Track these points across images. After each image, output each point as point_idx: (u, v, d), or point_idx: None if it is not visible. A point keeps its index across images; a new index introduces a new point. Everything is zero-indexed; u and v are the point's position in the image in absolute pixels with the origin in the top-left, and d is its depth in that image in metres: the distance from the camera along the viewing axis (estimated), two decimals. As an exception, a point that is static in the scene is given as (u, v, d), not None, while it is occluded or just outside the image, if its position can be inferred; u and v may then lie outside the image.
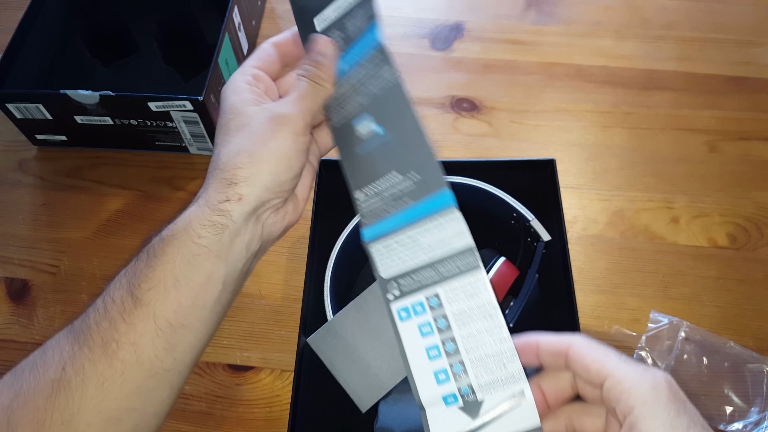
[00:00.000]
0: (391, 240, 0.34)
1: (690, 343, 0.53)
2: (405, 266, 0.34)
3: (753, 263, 0.58)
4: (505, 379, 0.31)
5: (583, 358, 0.30)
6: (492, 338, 0.32)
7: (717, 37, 0.72)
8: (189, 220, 0.32)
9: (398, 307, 0.34)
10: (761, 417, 0.50)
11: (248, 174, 0.32)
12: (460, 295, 0.33)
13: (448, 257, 0.33)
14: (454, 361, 0.32)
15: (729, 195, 0.61)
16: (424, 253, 0.33)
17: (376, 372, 0.45)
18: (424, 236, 0.34)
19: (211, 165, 0.34)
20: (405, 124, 0.35)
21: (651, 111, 0.67)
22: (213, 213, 0.32)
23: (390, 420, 0.45)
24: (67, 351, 0.31)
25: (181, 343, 0.32)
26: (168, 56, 0.67)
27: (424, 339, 0.33)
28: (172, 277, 0.31)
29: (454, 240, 0.33)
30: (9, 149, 0.66)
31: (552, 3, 0.75)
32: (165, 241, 0.32)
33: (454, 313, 0.32)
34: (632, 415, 0.27)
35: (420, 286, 0.33)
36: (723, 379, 0.51)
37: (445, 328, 0.33)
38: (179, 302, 0.32)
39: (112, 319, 0.31)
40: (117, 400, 0.31)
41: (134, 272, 0.32)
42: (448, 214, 0.33)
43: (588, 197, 0.61)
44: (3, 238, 0.61)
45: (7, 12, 0.76)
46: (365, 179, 0.36)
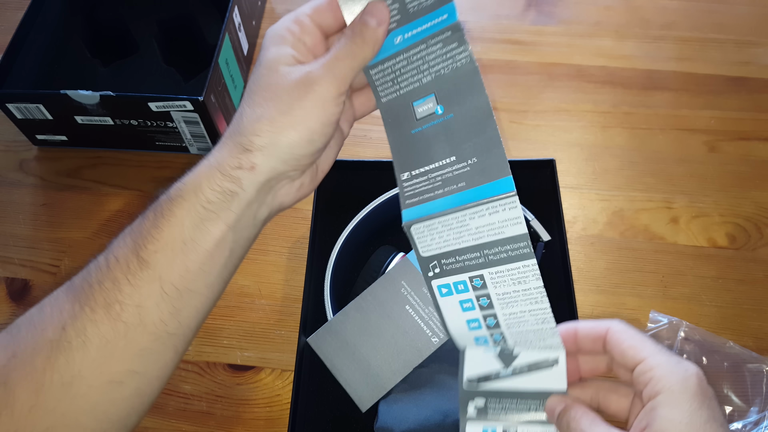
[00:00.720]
0: (436, 221, 0.32)
1: (689, 342, 0.53)
2: (448, 248, 0.32)
3: (752, 263, 0.58)
4: (542, 347, 0.32)
5: (620, 343, 0.30)
6: (535, 319, 0.32)
7: (717, 37, 0.72)
8: (199, 181, 0.31)
9: (439, 284, 0.33)
10: (761, 417, 0.50)
11: (265, 143, 0.30)
12: (507, 280, 0.32)
13: (498, 242, 0.31)
14: (495, 332, 0.33)
15: (728, 195, 0.61)
16: (472, 237, 0.32)
17: (376, 372, 0.45)
18: (474, 220, 0.31)
19: (232, 123, 0.32)
20: (473, 107, 0.32)
21: (651, 111, 0.67)
22: (224, 178, 0.30)
23: (390, 420, 0.45)
24: (67, 310, 0.30)
25: (187, 308, 0.31)
26: (168, 56, 0.67)
27: (465, 313, 0.33)
28: (179, 240, 0.30)
29: (506, 226, 0.31)
30: (9, 149, 0.66)
31: (552, 3, 0.75)
32: (173, 200, 0.31)
33: (498, 295, 0.32)
34: (656, 400, 0.28)
35: (463, 267, 0.32)
36: (722, 378, 0.52)
37: (487, 306, 0.32)
38: (186, 267, 0.30)
39: (116, 280, 0.30)
40: (119, 363, 0.30)
41: (140, 231, 0.31)
42: (506, 200, 0.31)
43: (588, 197, 0.62)
44: (3, 238, 0.61)
45: (8, 12, 0.76)
46: (415, 161, 0.33)
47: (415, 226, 0.33)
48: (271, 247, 0.59)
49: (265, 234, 0.60)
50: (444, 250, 0.32)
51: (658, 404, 0.28)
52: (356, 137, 0.65)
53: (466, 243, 0.32)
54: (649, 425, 0.27)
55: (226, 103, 0.63)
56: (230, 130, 0.31)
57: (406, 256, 0.49)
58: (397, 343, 0.46)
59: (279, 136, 0.30)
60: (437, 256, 0.33)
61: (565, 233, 0.51)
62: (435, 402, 0.46)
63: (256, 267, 0.58)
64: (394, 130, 0.34)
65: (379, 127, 0.34)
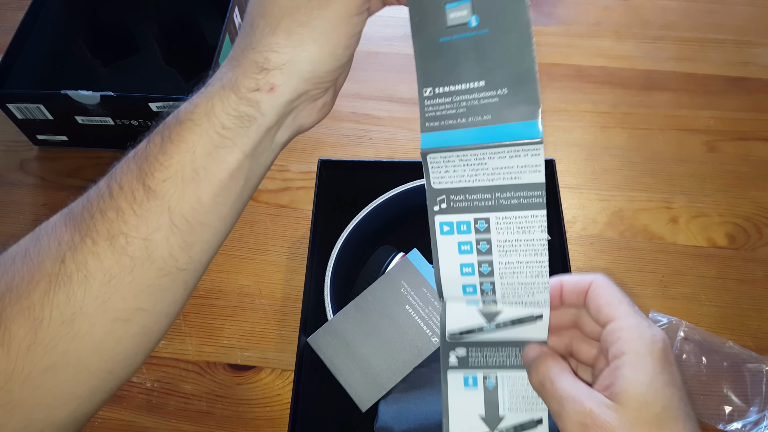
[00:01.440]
0: (454, 154, 0.30)
1: (689, 342, 0.53)
2: (461, 184, 0.31)
3: (752, 263, 0.58)
4: (529, 303, 0.32)
5: (598, 298, 0.31)
6: (530, 271, 0.31)
7: (716, 38, 0.72)
8: (212, 104, 0.28)
9: (442, 220, 0.32)
10: (760, 416, 0.50)
11: (284, 60, 0.27)
12: (512, 227, 0.31)
13: (512, 187, 0.30)
14: (485, 281, 0.32)
15: (728, 195, 0.61)
16: (487, 177, 0.30)
17: (376, 372, 0.46)
18: (494, 160, 0.30)
19: (241, 31, 0.28)
20: (512, 28, 0.29)
21: (650, 111, 0.67)
22: (240, 102, 0.27)
23: (390, 420, 0.46)
24: (66, 240, 0.27)
25: (199, 242, 0.29)
26: (169, 56, 0.67)
27: (461, 256, 0.32)
28: (190, 168, 0.27)
29: (524, 172, 0.30)
30: (10, 149, 0.66)
31: (551, 3, 0.75)
32: (183, 125, 0.28)
33: (500, 242, 0.31)
34: (621, 359, 0.28)
35: (471, 207, 0.31)
36: (722, 378, 0.52)
37: (485, 252, 0.32)
38: (198, 198, 0.28)
39: (120, 209, 0.27)
40: (125, 300, 0.28)
41: (146, 157, 0.28)
42: (531, 146, 0.29)
43: (587, 197, 0.62)
44: (4, 238, 0.61)
45: (8, 12, 0.76)
46: (440, 77, 0.30)
47: (432, 155, 0.30)
48: (271, 247, 0.59)
49: (265, 234, 0.60)
50: (456, 186, 0.31)
51: (622, 364, 0.28)
52: (356, 137, 0.65)
53: (479, 182, 0.31)
54: (613, 384, 0.28)
55: (227, 103, 0.63)
56: (240, 43, 0.28)
57: (406, 256, 0.49)
58: (397, 343, 0.46)
59: (299, 51, 0.27)
60: (448, 191, 0.31)
61: (565, 233, 0.51)
62: (435, 402, 0.46)
63: (256, 267, 0.58)
64: (420, 33, 0.30)
65: (380, 127, 0.34)
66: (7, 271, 0.28)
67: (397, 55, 0.71)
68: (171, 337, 0.55)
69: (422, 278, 0.47)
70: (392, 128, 0.66)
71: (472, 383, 0.33)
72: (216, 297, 0.57)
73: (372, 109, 0.67)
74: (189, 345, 0.55)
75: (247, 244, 0.59)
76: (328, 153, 0.64)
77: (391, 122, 0.66)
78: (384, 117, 0.67)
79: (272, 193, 0.62)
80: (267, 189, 0.63)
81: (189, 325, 0.56)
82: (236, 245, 0.59)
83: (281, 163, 0.64)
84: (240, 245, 0.59)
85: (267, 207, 0.62)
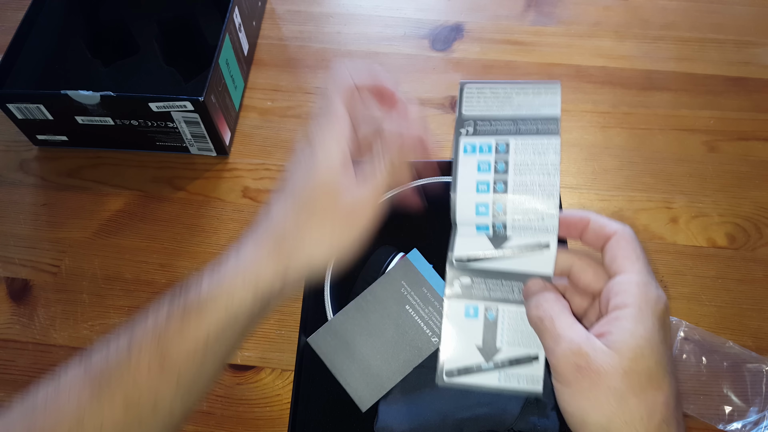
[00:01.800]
0: (487, 86, 0.36)
1: (689, 342, 0.53)
2: (488, 113, 0.36)
3: (752, 263, 0.58)
4: (538, 228, 0.34)
5: (618, 248, 0.32)
6: (542, 192, 0.34)
7: (716, 38, 0.72)
8: (231, 297, 0.33)
9: (466, 142, 0.35)
10: (760, 417, 0.50)
11: (303, 266, 0.33)
12: (529, 150, 0.34)
13: (532, 118, 0.35)
14: (498, 200, 0.34)
15: (728, 195, 0.61)
16: (512, 108, 0.35)
17: (376, 372, 0.46)
18: (519, 96, 0.36)
19: (269, 219, 0.34)
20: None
21: (650, 111, 0.67)
22: (255, 303, 0.33)
23: (390, 420, 0.46)
24: (85, 399, 0.31)
25: (195, 393, 0.34)
26: (169, 57, 0.67)
27: (479, 174, 0.35)
28: (203, 346, 0.32)
29: (544, 107, 0.35)
30: (10, 149, 0.66)
31: (551, 3, 0.75)
32: (203, 308, 0.32)
33: (517, 163, 0.34)
34: (623, 311, 0.30)
35: (495, 131, 0.35)
36: (722, 378, 0.52)
37: (502, 172, 0.34)
38: (203, 363, 0.33)
39: (136, 377, 0.32)
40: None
41: (165, 334, 0.32)
42: (551, 88, 0.35)
43: (587, 197, 0.62)
44: (4, 238, 0.61)
45: (8, 12, 0.76)
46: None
47: (469, 85, 0.37)
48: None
49: (265, 234, 0.60)
50: (484, 114, 0.36)
51: (623, 316, 0.29)
52: (356, 137, 0.65)
53: (505, 112, 0.35)
54: (611, 332, 0.29)
55: (227, 103, 0.63)
56: (272, 232, 0.33)
57: (406, 256, 0.49)
58: (397, 343, 0.46)
59: (315, 261, 0.33)
60: (476, 117, 0.36)
61: (565, 233, 0.51)
62: (435, 402, 0.46)
63: (256, 267, 0.58)
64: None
65: (379, 127, 0.35)
66: (31, 420, 0.31)
67: (397, 55, 0.71)
68: (171, 337, 0.55)
69: (422, 278, 0.47)
70: (392, 128, 0.66)
71: (473, 313, 0.35)
72: (216, 297, 0.57)
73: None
74: (189, 345, 0.55)
75: (247, 244, 0.59)
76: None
77: (391, 122, 0.66)
78: (384, 117, 0.67)
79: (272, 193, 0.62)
80: (267, 189, 0.63)
81: (189, 325, 0.56)
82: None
83: (281, 163, 0.64)
84: (240, 245, 0.59)
85: (267, 207, 0.62)
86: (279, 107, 0.68)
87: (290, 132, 0.66)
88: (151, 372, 0.32)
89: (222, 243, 0.60)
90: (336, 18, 0.74)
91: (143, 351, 0.32)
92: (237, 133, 0.66)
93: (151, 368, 0.32)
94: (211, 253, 0.59)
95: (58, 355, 0.55)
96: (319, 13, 0.75)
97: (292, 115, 0.67)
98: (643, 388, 0.28)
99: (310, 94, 0.69)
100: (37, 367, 0.54)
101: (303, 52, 0.72)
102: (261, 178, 0.63)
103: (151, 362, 0.32)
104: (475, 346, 0.34)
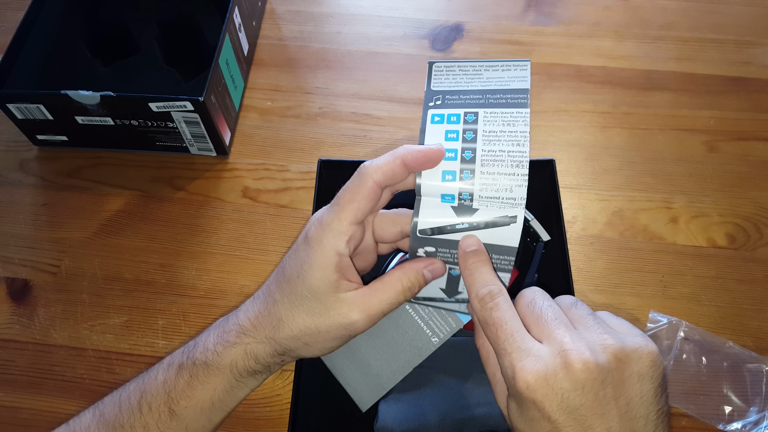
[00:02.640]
0: (456, 65, 0.36)
1: (689, 342, 0.53)
2: (457, 88, 0.36)
3: (752, 263, 0.58)
4: (505, 199, 0.33)
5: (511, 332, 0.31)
6: (512, 160, 0.33)
7: (716, 38, 0.72)
8: (235, 362, 0.36)
9: (434, 112, 0.35)
10: (760, 417, 0.50)
11: (297, 355, 0.36)
12: (498, 120, 0.34)
13: (501, 91, 0.35)
14: (466, 168, 0.33)
15: (728, 195, 0.61)
16: (480, 83, 0.36)
17: (376, 372, 0.46)
18: (488, 72, 0.36)
19: (269, 317, 0.36)
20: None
21: (650, 111, 0.67)
22: (257, 365, 0.36)
23: (390, 420, 0.46)
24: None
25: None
26: (169, 57, 0.67)
27: (447, 143, 0.34)
28: (209, 401, 0.36)
29: (513, 81, 0.35)
30: (10, 149, 0.66)
31: (551, 3, 0.75)
32: (210, 369, 0.36)
33: (485, 132, 0.34)
34: (506, 404, 0.32)
35: (463, 104, 0.35)
36: (722, 378, 0.52)
37: (470, 140, 0.34)
38: (210, 419, 0.36)
39: (147, 425, 0.35)
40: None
41: (174, 388, 0.36)
42: (520, 62, 0.36)
43: (587, 197, 0.62)
44: (4, 238, 0.61)
45: (8, 12, 0.76)
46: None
47: (438, 64, 0.37)
48: (271, 247, 0.59)
49: (265, 234, 0.60)
50: (452, 89, 0.36)
51: (508, 407, 0.32)
52: (356, 137, 0.65)
53: (473, 87, 0.35)
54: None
55: (227, 103, 0.63)
56: (268, 328, 0.36)
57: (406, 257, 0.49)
58: (397, 343, 0.46)
59: (310, 352, 0.36)
60: (444, 92, 0.36)
61: (565, 233, 0.51)
62: (435, 402, 0.46)
63: (256, 267, 0.58)
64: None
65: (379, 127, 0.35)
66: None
67: (397, 55, 0.71)
68: (171, 337, 0.55)
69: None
70: (392, 128, 0.66)
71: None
72: (216, 297, 0.57)
73: (372, 109, 0.67)
74: (189, 345, 0.55)
75: (247, 244, 0.59)
76: (328, 153, 0.65)
77: (391, 122, 0.66)
78: (384, 117, 0.67)
79: (272, 193, 0.62)
80: (267, 189, 0.63)
81: (189, 325, 0.56)
82: (236, 245, 0.59)
83: (281, 163, 0.64)
84: (240, 245, 0.59)
85: (267, 207, 0.62)
86: (279, 107, 0.68)
87: (290, 132, 0.66)
88: (161, 423, 0.35)
89: (222, 243, 0.60)
90: (336, 18, 0.74)
91: (153, 403, 0.35)
92: (237, 133, 0.66)
93: (161, 419, 0.35)
94: (211, 253, 0.59)
95: (58, 355, 0.55)
96: (319, 13, 0.75)
97: (292, 115, 0.67)
98: None
99: (310, 94, 0.69)
100: (37, 367, 0.54)
101: (303, 52, 0.72)
102: (261, 178, 0.63)
103: (161, 414, 0.35)
104: (439, 288, 0.37)
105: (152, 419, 0.35)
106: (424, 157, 0.33)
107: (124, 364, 0.54)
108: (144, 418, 0.35)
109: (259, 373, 0.37)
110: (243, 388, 0.37)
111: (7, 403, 0.53)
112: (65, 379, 0.54)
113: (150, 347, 0.55)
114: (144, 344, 0.55)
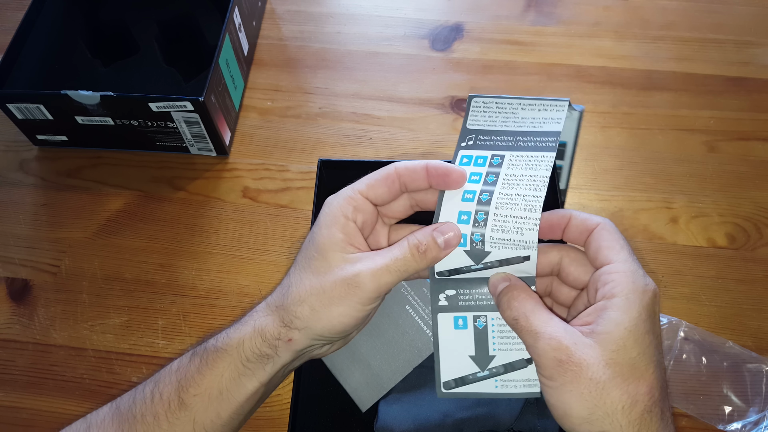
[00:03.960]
0: (494, 101, 0.37)
1: (689, 342, 0.53)
2: (491, 127, 0.36)
3: (752, 263, 0.58)
4: (516, 242, 0.33)
5: (602, 239, 0.32)
6: (525, 204, 0.33)
7: (716, 38, 0.72)
8: (242, 341, 0.35)
9: (464, 153, 0.37)
10: (760, 417, 0.50)
11: (303, 325, 0.35)
12: (522, 164, 0.34)
13: (532, 133, 0.35)
14: (481, 210, 0.34)
15: (728, 195, 0.61)
16: (515, 123, 0.36)
17: (376, 372, 0.46)
18: (525, 111, 0.36)
19: (280, 288, 0.36)
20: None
21: (650, 111, 0.67)
22: (263, 344, 0.35)
23: (390, 420, 0.46)
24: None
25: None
26: (169, 57, 0.67)
27: (468, 184, 0.35)
28: (217, 389, 0.35)
29: (547, 123, 0.35)
30: (10, 149, 0.66)
31: (551, 3, 0.75)
32: (219, 353, 0.35)
33: (506, 175, 0.34)
34: (610, 301, 0.30)
35: (494, 145, 0.36)
36: (722, 378, 0.52)
37: (491, 183, 0.34)
38: (218, 413, 0.35)
39: (157, 415, 0.35)
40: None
41: (185, 374, 0.36)
42: (557, 104, 0.35)
43: (587, 197, 0.62)
44: (4, 238, 0.61)
45: (8, 12, 0.76)
46: None
47: (476, 99, 0.37)
48: (271, 247, 0.59)
49: (265, 234, 0.60)
50: (486, 128, 0.37)
51: (610, 306, 0.30)
52: (356, 137, 0.65)
53: (507, 127, 0.36)
54: (596, 322, 0.29)
55: (227, 103, 0.63)
56: (278, 296, 0.36)
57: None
58: (397, 343, 0.46)
59: (316, 324, 0.34)
60: (478, 131, 0.37)
61: (565, 233, 0.51)
62: (435, 402, 0.46)
63: (256, 267, 0.58)
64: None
65: (379, 127, 0.35)
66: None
67: (397, 55, 0.71)
68: (171, 337, 0.55)
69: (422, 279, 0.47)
70: (392, 128, 0.66)
71: (462, 324, 0.35)
72: (216, 297, 0.57)
73: (372, 109, 0.67)
74: (189, 345, 0.55)
75: (247, 244, 0.59)
76: (328, 153, 0.65)
77: (391, 122, 0.66)
78: (384, 117, 0.67)
79: (272, 193, 0.62)
80: (267, 189, 0.63)
81: (189, 325, 0.56)
82: (236, 245, 0.59)
83: (281, 163, 0.64)
84: (240, 245, 0.59)
85: (267, 207, 0.62)
86: (279, 107, 0.68)
87: (290, 132, 0.66)
88: (170, 413, 0.34)
89: (222, 243, 0.60)
90: (336, 18, 0.74)
91: (164, 392, 0.35)
92: (237, 133, 0.66)
93: (171, 408, 0.35)
94: (211, 253, 0.59)
95: (58, 355, 0.55)
96: (319, 13, 0.75)
97: (292, 115, 0.67)
98: (625, 379, 0.28)
99: (310, 94, 0.69)
100: (37, 367, 0.54)
101: (303, 52, 0.72)
102: (261, 178, 0.63)
103: (171, 403, 0.35)
104: (469, 356, 0.34)
105: (162, 408, 0.35)
106: (446, 172, 0.34)
107: (124, 364, 0.54)
108: (155, 407, 0.35)
109: (266, 358, 0.35)
110: (250, 377, 0.35)
111: (7, 403, 0.53)
112: (65, 379, 0.54)
113: (150, 347, 0.55)
114: (144, 344, 0.55)
